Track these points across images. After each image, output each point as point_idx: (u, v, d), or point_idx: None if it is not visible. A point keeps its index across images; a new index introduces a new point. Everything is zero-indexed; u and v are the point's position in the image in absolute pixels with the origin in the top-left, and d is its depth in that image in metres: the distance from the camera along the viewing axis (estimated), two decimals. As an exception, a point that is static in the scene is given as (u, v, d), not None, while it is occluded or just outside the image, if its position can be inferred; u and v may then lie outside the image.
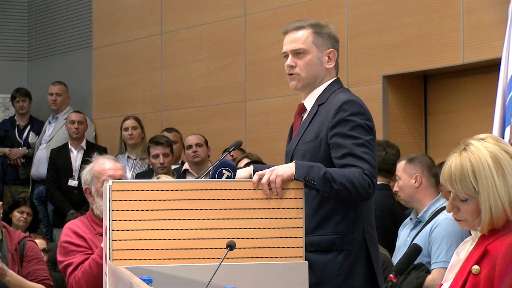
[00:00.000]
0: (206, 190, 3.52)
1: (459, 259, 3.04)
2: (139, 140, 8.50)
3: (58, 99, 9.60)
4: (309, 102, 4.04)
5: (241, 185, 3.57)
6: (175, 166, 7.85)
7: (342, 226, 3.85)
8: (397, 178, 5.43)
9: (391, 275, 3.06)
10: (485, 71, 6.75)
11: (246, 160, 6.51)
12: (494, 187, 2.91)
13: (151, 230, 3.48)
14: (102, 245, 4.17)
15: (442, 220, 5.08)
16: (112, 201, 3.47)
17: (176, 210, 3.50)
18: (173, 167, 7.70)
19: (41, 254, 5.37)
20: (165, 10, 9.19)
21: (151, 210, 3.49)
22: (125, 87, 9.64)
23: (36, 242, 5.40)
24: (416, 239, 5.14)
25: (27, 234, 7.61)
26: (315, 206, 3.85)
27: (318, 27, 4.05)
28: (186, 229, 3.50)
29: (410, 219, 5.40)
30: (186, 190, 3.51)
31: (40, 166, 9.30)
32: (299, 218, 3.57)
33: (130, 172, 8.25)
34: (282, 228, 3.56)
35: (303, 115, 4.07)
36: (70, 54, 10.36)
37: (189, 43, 8.94)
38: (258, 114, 8.23)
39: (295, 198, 3.58)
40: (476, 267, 2.91)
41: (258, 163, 5.06)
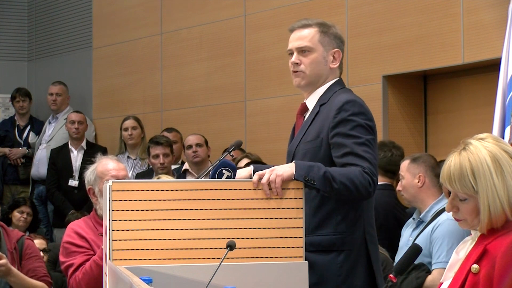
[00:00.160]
0: (206, 190, 3.52)
1: (459, 258, 3.04)
2: (139, 140, 8.51)
3: (58, 99, 9.60)
4: (311, 101, 4.04)
5: (241, 185, 3.57)
6: (175, 166, 7.85)
7: (343, 226, 3.85)
8: (400, 178, 5.43)
9: (391, 275, 3.06)
10: (485, 71, 6.74)
11: (246, 160, 6.51)
12: (493, 187, 2.91)
13: (151, 230, 3.48)
14: (103, 246, 4.17)
15: (444, 220, 5.08)
16: (112, 201, 3.47)
17: (176, 210, 3.50)
18: (173, 167, 7.70)
19: (39, 252, 5.38)
20: (165, 10, 9.19)
21: (151, 210, 3.49)
22: (125, 87, 9.64)
23: (33, 240, 5.40)
24: (418, 239, 5.14)
25: (27, 234, 7.63)
26: (316, 206, 3.85)
27: (325, 27, 4.05)
28: (186, 229, 3.50)
29: (413, 219, 5.39)
30: (186, 190, 3.51)
31: (40, 166, 9.30)
32: (299, 218, 3.57)
33: (130, 172, 8.24)
34: (282, 228, 3.56)
35: (305, 115, 4.07)
36: (70, 54, 10.35)
37: (189, 43, 8.93)
38: (258, 114, 8.23)
39: (295, 198, 3.58)
40: (475, 266, 2.91)
41: (258, 163, 5.06)
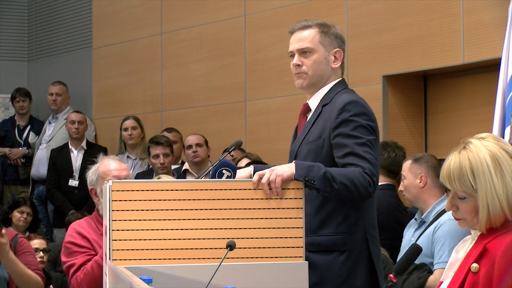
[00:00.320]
0: (206, 190, 3.52)
1: (458, 258, 3.04)
2: (139, 140, 8.51)
3: (58, 99, 9.60)
4: (313, 102, 4.04)
5: (241, 185, 3.57)
6: (175, 166, 7.85)
7: (344, 227, 3.85)
8: (402, 178, 5.42)
9: (391, 275, 3.06)
10: (485, 71, 6.74)
11: (246, 160, 6.50)
12: (492, 186, 2.91)
13: (151, 230, 3.48)
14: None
15: (446, 220, 5.06)
16: (112, 201, 3.48)
17: (176, 210, 3.50)
18: (173, 167, 7.70)
19: (32, 248, 5.41)
20: (165, 10, 9.19)
21: (151, 210, 3.49)
22: (125, 87, 9.64)
23: (27, 239, 5.41)
24: (419, 240, 5.13)
25: (27, 234, 7.63)
26: (317, 206, 3.84)
27: (325, 27, 4.05)
28: (186, 229, 3.50)
29: (415, 220, 5.39)
30: (186, 190, 3.51)
31: (40, 166, 9.30)
32: (299, 218, 3.57)
33: (130, 172, 8.24)
34: (282, 228, 3.56)
35: (308, 115, 4.06)
36: (70, 54, 10.35)
37: (189, 43, 8.93)
38: (258, 114, 8.23)
39: (295, 198, 3.58)
40: (475, 265, 2.91)
41: (258, 163, 5.06)
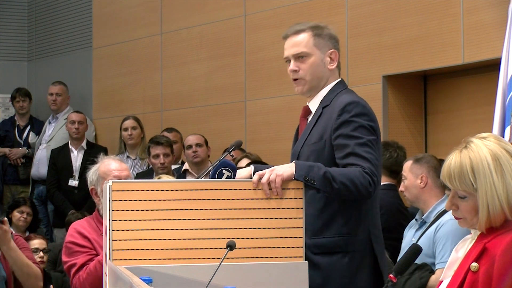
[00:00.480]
0: (206, 190, 3.52)
1: (458, 257, 3.04)
2: (139, 140, 8.51)
3: (58, 99, 9.60)
4: (313, 104, 4.04)
5: (241, 185, 3.57)
6: (175, 166, 7.85)
7: (347, 228, 3.85)
8: (402, 178, 5.42)
9: (391, 275, 3.05)
10: (485, 71, 6.74)
11: (246, 160, 6.50)
12: (492, 185, 2.91)
13: (151, 230, 3.48)
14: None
15: (447, 220, 5.06)
16: (112, 201, 3.48)
17: (176, 210, 3.50)
18: (173, 167, 7.70)
19: (28, 245, 5.43)
20: (165, 10, 9.19)
21: (151, 210, 3.49)
22: (125, 87, 9.64)
23: (24, 239, 5.43)
24: (420, 240, 5.13)
25: (27, 234, 7.63)
26: (320, 208, 3.85)
27: (318, 29, 4.03)
28: (186, 229, 3.50)
29: (416, 220, 5.38)
30: (186, 190, 3.51)
31: (40, 166, 9.30)
32: (299, 218, 3.57)
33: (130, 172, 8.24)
34: (282, 228, 3.56)
35: (308, 117, 4.06)
36: (70, 54, 10.35)
37: (189, 43, 8.93)
38: (258, 114, 8.23)
39: (295, 198, 3.58)
40: (475, 264, 2.91)
41: (258, 163, 5.06)
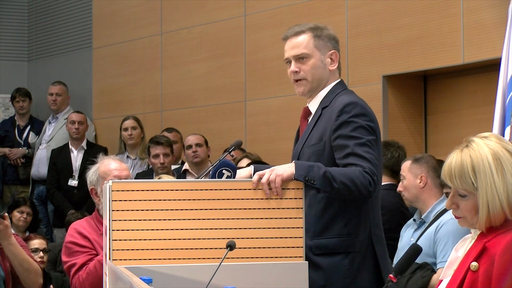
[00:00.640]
0: (206, 190, 3.52)
1: (458, 256, 3.04)
2: (139, 140, 8.51)
3: (58, 99, 9.60)
4: (313, 105, 4.04)
5: (241, 185, 3.57)
6: (175, 166, 7.85)
7: (348, 229, 3.85)
8: (401, 178, 5.42)
9: (391, 275, 3.06)
10: (485, 71, 6.75)
11: (246, 160, 6.50)
12: (492, 184, 2.91)
13: (151, 230, 3.48)
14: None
15: (448, 219, 5.06)
16: (112, 201, 3.48)
17: (176, 210, 3.50)
18: (173, 167, 7.70)
19: (25, 244, 5.41)
20: (165, 10, 9.19)
21: (151, 210, 3.49)
22: (125, 87, 9.64)
23: (19, 237, 5.42)
24: (420, 240, 5.13)
25: (27, 234, 7.63)
26: (321, 209, 3.85)
27: (318, 30, 4.03)
28: (186, 229, 3.50)
29: (414, 220, 5.38)
30: (186, 190, 3.51)
31: (40, 166, 9.30)
32: (299, 218, 3.57)
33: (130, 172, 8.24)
34: (282, 228, 3.56)
35: (309, 118, 4.06)
36: (70, 54, 10.35)
37: (189, 43, 8.93)
38: (258, 114, 8.23)
39: (295, 198, 3.58)
40: (474, 264, 2.91)
41: (258, 163, 5.06)
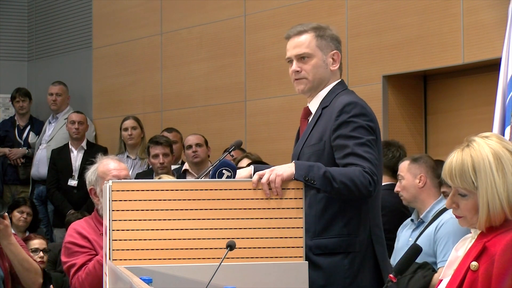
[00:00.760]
0: (206, 190, 3.52)
1: (458, 256, 3.04)
2: (139, 140, 8.51)
3: (58, 99, 9.60)
4: (313, 105, 4.04)
5: (241, 185, 3.57)
6: (175, 166, 7.85)
7: (348, 229, 3.85)
8: (399, 178, 5.42)
9: (391, 275, 3.06)
10: (485, 71, 6.74)
11: (246, 160, 6.50)
12: (493, 183, 2.91)
13: (151, 230, 3.48)
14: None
15: (448, 219, 5.07)
16: (112, 201, 3.48)
17: (176, 210, 3.50)
18: (173, 167, 7.70)
19: (23, 243, 5.41)
20: (165, 10, 9.19)
21: (151, 210, 3.49)
22: (125, 87, 9.64)
23: (18, 237, 5.43)
24: (419, 239, 5.12)
25: (27, 234, 7.63)
26: (321, 209, 3.85)
27: (321, 30, 4.04)
28: (186, 229, 3.50)
29: (411, 220, 5.38)
30: (186, 190, 3.51)
31: (40, 166, 9.30)
32: (299, 218, 3.57)
33: (130, 172, 8.23)
34: (282, 228, 3.56)
35: (309, 118, 4.06)
36: (70, 54, 10.35)
37: (189, 43, 8.93)
38: (258, 114, 8.23)
39: (295, 198, 3.58)
40: (474, 264, 2.91)
41: (258, 163, 5.06)
